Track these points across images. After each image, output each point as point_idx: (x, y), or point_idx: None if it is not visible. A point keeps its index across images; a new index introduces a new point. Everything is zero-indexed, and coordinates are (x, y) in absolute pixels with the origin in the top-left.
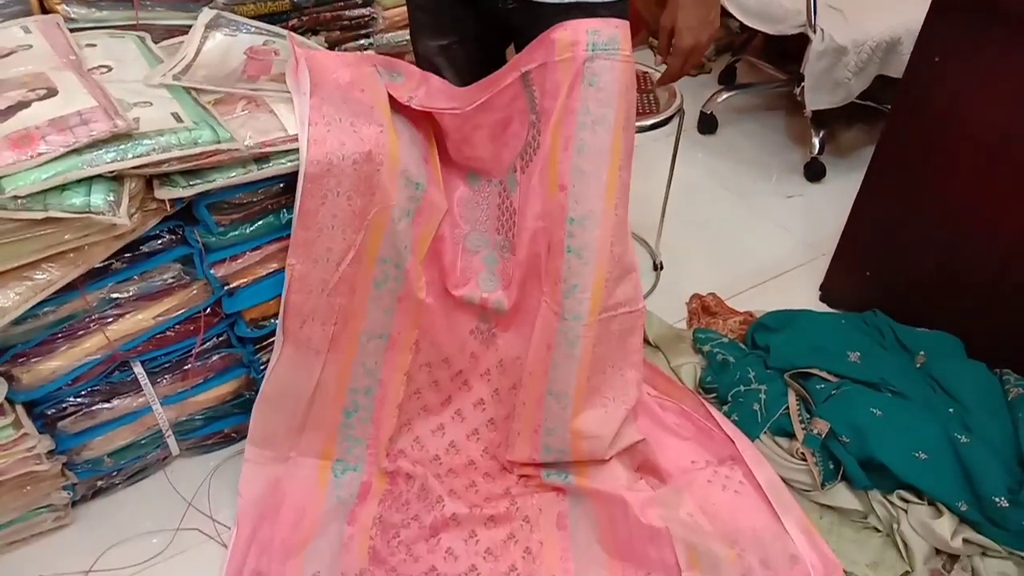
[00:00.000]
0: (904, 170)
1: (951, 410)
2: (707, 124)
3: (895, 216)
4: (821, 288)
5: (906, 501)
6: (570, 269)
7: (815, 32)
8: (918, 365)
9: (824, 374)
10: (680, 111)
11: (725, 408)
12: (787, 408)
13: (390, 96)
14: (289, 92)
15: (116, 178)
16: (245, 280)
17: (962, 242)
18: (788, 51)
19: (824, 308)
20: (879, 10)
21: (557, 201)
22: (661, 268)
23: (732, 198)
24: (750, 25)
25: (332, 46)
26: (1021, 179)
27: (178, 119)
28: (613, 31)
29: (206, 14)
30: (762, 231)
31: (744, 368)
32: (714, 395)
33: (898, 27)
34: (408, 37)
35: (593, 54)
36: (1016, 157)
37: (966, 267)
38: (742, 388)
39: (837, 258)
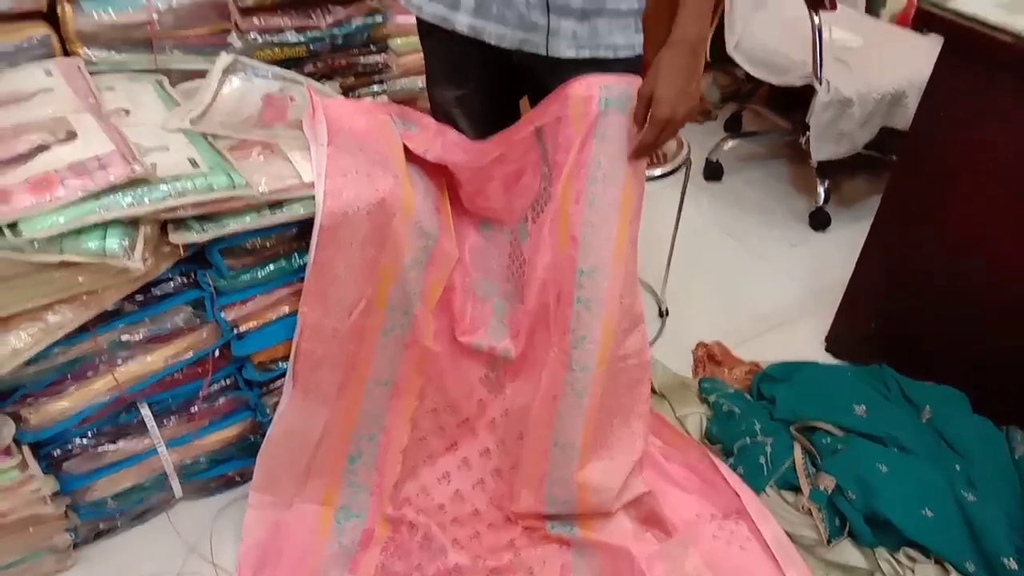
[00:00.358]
0: (910, 223)
1: (957, 467)
2: (713, 171)
3: (901, 268)
4: (827, 339)
5: (912, 560)
6: (579, 320)
7: (821, 84)
8: (924, 420)
9: (830, 427)
10: (687, 162)
11: (731, 460)
12: (793, 461)
13: (405, 146)
14: (304, 139)
15: (131, 222)
16: (255, 324)
17: (969, 295)
18: (793, 100)
19: (830, 359)
20: (884, 63)
21: (567, 252)
22: (667, 315)
23: (737, 245)
24: (756, 76)
25: (346, 91)
26: None
27: (194, 164)
28: (625, 87)
29: (224, 59)
30: (767, 279)
31: (750, 420)
32: (719, 446)
33: (902, 80)
34: (420, 84)
35: (606, 109)
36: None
37: (972, 321)
38: (748, 440)
39: (843, 309)
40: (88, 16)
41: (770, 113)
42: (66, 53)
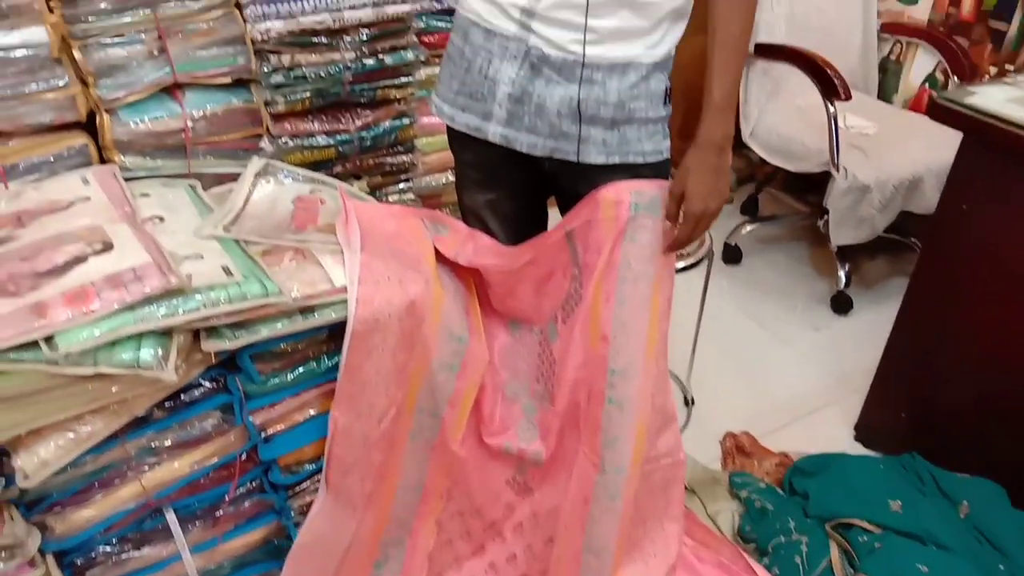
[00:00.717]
0: (937, 312)
1: (1001, 566)
2: (731, 254)
3: (930, 357)
4: (856, 427)
5: None
6: (611, 420)
7: (839, 171)
8: (962, 515)
9: (866, 524)
10: (709, 253)
11: (765, 560)
12: (829, 561)
13: (436, 249)
14: (335, 243)
15: (165, 332)
16: (282, 427)
17: (1001, 382)
18: (809, 183)
19: (859, 448)
20: (900, 149)
21: (598, 352)
22: (692, 403)
23: (759, 330)
24: (773, 163)
25: (374, 190)
26: None
27: (228, 272)
28: (656, 192)
29: (255, 163)
30: (792, 364)
31: (784, 517)
32: (753, 545)
33: (920, 165)
34: (444, 181)
35: (636, 214)
36: None
37: (1006, 408)
38: (782, 539)
39: (871, 397)
40: (125, 125)
41: (786, 196)
42: (102, 160)
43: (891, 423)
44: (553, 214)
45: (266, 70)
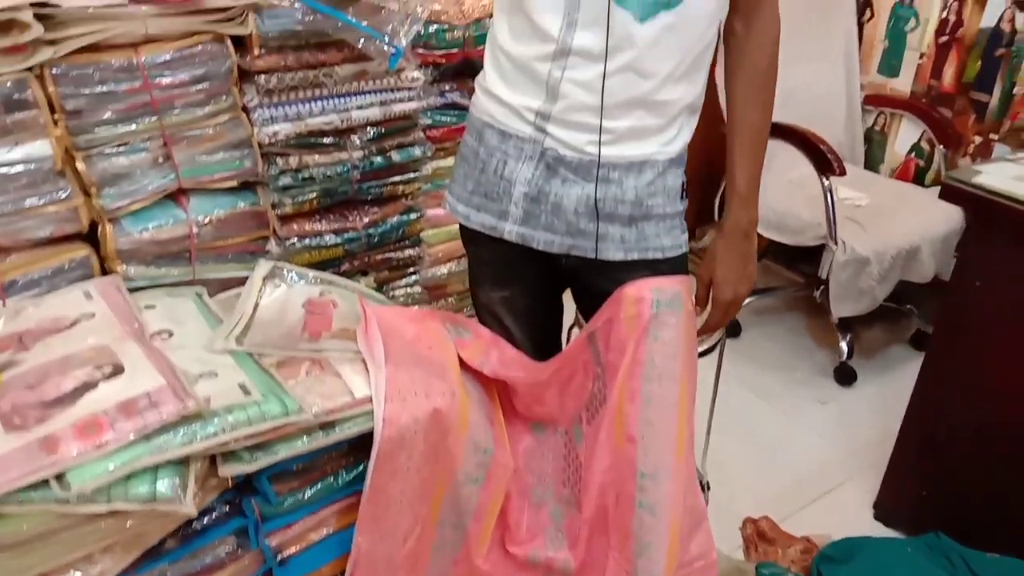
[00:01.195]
0: (952, 389)
1: None
2: (731, 328)
3: (947, 434)
4: (875, 506)
5: None
6: (642, 525)
7: (837, 244)
8: None
9: None
10: (723, 340)
11: None
12: None
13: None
14: (353, 351)
15: (182, 460)
16: (297, 548)
17: (1021, 457)
18: (800, 252)
19: (880, 527)
20: (895, 219)
21: (626, 454)
22: (708, 489)
23: (766, 406)
24: (769, 237)
25: (380, 285)
26: None
27: (245, 391)
28: (677, 288)
29: (262, 267)
30: (802, 441)
31: None
32: None
33: (915, 235)
34: (451, 270)
35: (658, 312)
36: None
37: None
38: None
39: (889, 475)
40: (128, 235)
41: (779, 267)
42: (104, 271)
43: (912, 501)
44: (568, 303)
45: (273, 173)
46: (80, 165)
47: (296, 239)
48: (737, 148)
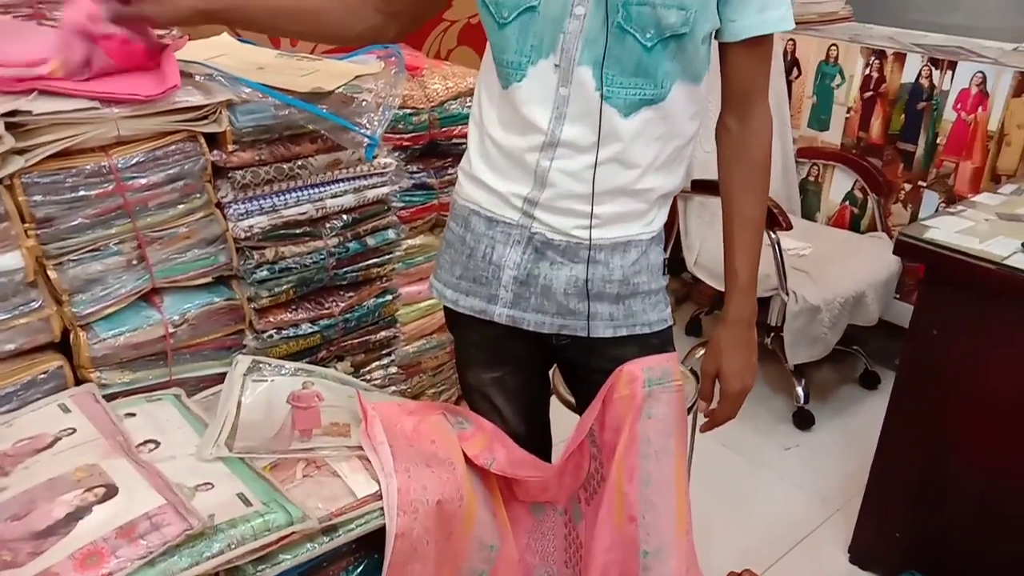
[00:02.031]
0: (917, 432)
1: None
2: None
3: (917, 476)
4: (850, 550)
5: None
6: None
7: (788, 295)
8: None
9: None
10: (696, 402)
11: None
12: None
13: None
14: (348, 447)
15: None
16: None
17: (992, 494)
18: None
19: (857, 571)
20: (839, 267)
21: (627, 533)
22: None
23: (732, 456)
24: (720, 289)
25: (357, 368)
26: None
27: (246, 501)
28: (666, 365)
29: (241, 363)
30: (772, 488)
31: None
32: None
33: (860, 282)
34: (425, 346)
35: (650, 390)
36: None
37: (1004, 521)
38: None
39: (863, 519)
40: (101, 340)
41: None
42: (77, 379)
43: (886, 543)
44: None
45: (249, 266)
46: (52, 273)
47: (273, 331)
48: (737, 240)
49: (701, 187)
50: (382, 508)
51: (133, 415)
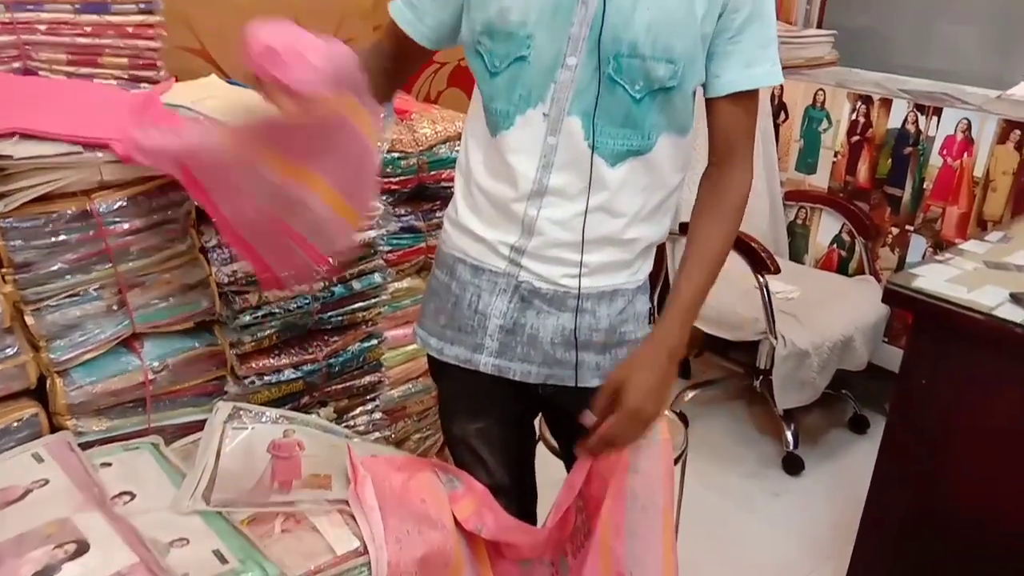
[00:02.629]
0: (908, 481)
1: None
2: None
3: (909, 524)
4: None
5: None
6: None
7: (777, 339)
8: None
9: None
10: (684, 452)
11: None
12: None
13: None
14: (328, 501)
15: None
16: None
17: (983, 540)
18: (737, 343)
19: None
20: (827, 310)
21: None
22: None
23: (720, 501)
24: (711, 333)
25: (340, 414)
26: None
27: (221, 559)
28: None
29: (222, 410)
30: (764, 535)
31: None
32: None
33: (849, 325)
34: (409, 391)
35: (636, 444)
36: None
37: (992, 565)
38: None
39: (855, 566)
40: (79, 387)
41: (718, 359)
42: (53, 427)
43: None
44: None
45: (232, 311)
46: (29, 319)
47: (255, 377)
48: (693, 267)
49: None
50: (362, 565)
51: (109, 464)
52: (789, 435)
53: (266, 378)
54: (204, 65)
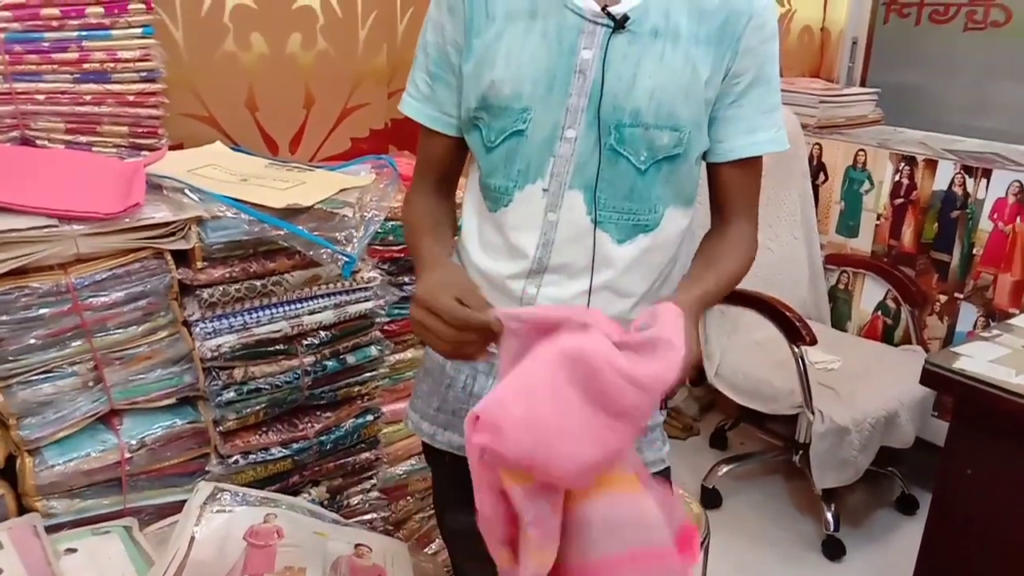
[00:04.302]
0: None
1: None
2: (711, 498)
3: None
4: None
5: None
6: None
7: (814, 414)
8: None
9: None
10: (707, 538)
11: None
12: None
13: None
14: None
15: None
16: None
17: None
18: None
19: None
20: (869, 383)
21: None
22: None
23: None
24: (744, 404)
25: (334, 494)
26: None
27: None
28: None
29: (202, 491)
30: None
31: None
32: None
33: (892, 400)
34: (410, 468)
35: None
36: None
37: None
38: None
39: None
40: (50, 467)
41: (755, 429)
42: (21, 508)
43: None
44: None
45: (216, 387)
46: None
47: (240, 456)
48: (708, 278)
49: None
50: None
51: (74, 551)
52: (829, 516)
53: (251, 457)
54: (211, 131)
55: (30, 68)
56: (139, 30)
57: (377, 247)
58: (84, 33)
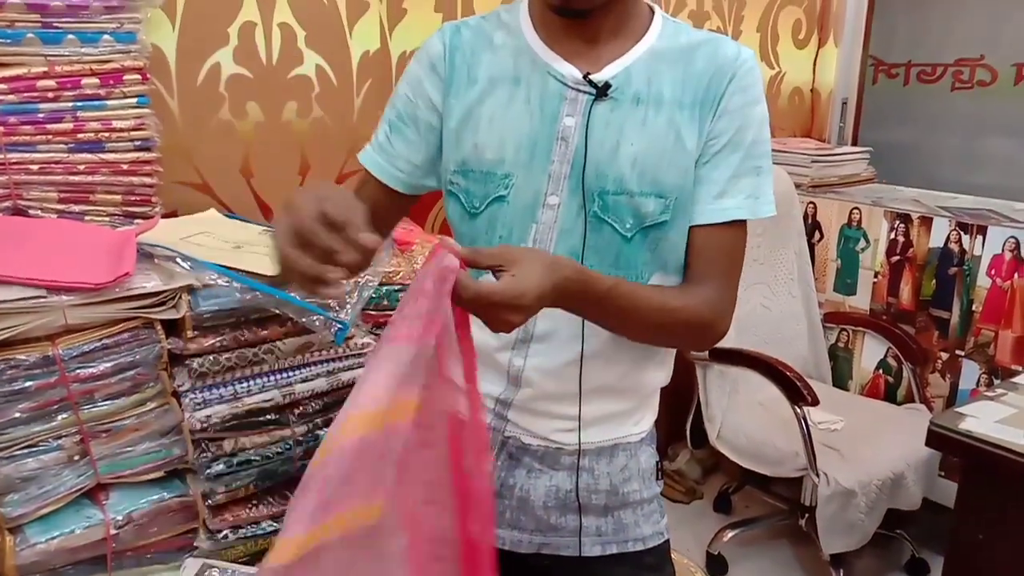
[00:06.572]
0: None
1: None
2: (717, 566)
3: None
4: None
5: None
6: None
7: (819, 477)
8: None
9: None
10: None
11: None
12: None
13: None
14: None
15: None
16: None
17: None
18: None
19: None
20: (874, 444)
21: None
22: None
23: None
24: (747, 467)
25: None
26: None
27: None
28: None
29: (189, 568)
30: None
31: None
32: None
33: (899, 461)
34: None
35: None
36: None
37: None
38: None
39: None
40: (32, 546)
41: (760, 492)
42: None
43: None
44: None
45: (205, 460)
46: None
47: (229, 531)
48: (637, 288)
49: (720, 356)
50: None
51: None
52: None
53: (241, 531)
54: (205, 199)
55: (24, 139)
56: (134, 100)
57: (371, 312)
58: (79, 104)
